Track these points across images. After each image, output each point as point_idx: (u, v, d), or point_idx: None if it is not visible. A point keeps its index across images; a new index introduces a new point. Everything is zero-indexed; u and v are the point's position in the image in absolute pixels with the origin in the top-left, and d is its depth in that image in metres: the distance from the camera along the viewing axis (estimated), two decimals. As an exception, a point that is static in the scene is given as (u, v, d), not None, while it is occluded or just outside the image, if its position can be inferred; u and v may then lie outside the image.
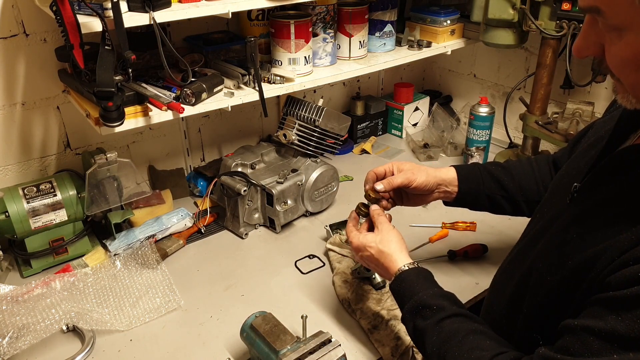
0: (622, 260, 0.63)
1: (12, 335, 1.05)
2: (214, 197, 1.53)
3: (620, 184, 0.72)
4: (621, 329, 0.60)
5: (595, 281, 0.66)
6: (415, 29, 1.75)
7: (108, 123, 1.12)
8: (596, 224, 0.71)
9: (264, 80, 1.39)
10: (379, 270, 0.99)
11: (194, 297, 1.24)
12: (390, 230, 0.99)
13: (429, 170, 1.10)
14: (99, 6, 1.05)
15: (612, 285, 0.63)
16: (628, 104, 0.66)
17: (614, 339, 0.61)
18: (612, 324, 0.61)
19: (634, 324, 0.59)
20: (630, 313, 0.60)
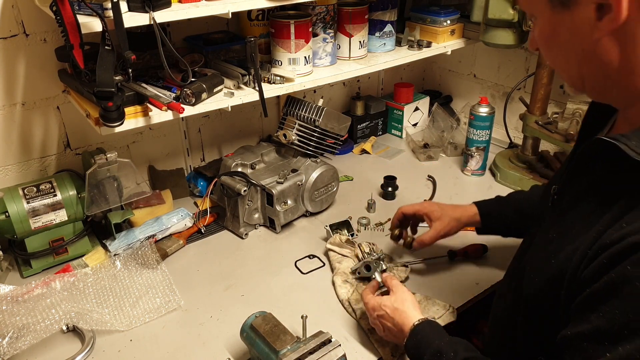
0: (591, 253, 0.64)
1: (12, 335, 1.05)
2: (214, 197, 1.53)
3: (590, 178, 0.74)
4: (605, 325, 0.61)
5: (574, 278, 0.67)
6: (415, 29, 1.75)
7: (108, 123, 1.12)
8: (571, 221, 0.73)
9: (264, 80, 1.39)
10: (393, 329, 1.00)
11: (194, 297, 1.24)
12: (405, 292, 1.04)
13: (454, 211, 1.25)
14: (99, 6, 1.05)
15: (586, 280, 0.64)
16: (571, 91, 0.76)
17: (602, 337, 0.61)
18: (596, 323, 0.62)
19: (614, 316, 0.60)
20: (607, 305, 0.60)
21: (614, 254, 0.61)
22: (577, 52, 0.67)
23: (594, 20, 0.62)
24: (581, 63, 0.68)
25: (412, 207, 1.29)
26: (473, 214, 1.24)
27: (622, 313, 0.59)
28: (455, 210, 1.25)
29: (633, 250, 0.59)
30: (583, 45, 0.66)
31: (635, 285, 0.58)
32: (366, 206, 1.59)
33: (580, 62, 0.68)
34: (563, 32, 0.67)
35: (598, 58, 0.65)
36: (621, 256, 0.60)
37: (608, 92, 0.70)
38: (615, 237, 0.61)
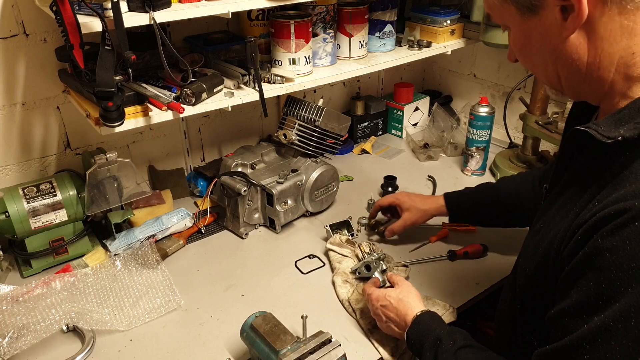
0: (569, 233, 0.69)
1: (12, 335, 1.05)
2: (214, 197, 1.53)
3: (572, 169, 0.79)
4: (582, 298, 0.64)
5: (556, 261, 0.71)
6: (415, 29, 1.74)
7: (108, 123, 1.12)
8: (556, 210, 0.78)
9: (264, 80, 1.39)
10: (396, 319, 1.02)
11: (194, 297, 1.24)
12: (410, 285, 1.08)
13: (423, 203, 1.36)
14: (99, 6, 1.05)
15: (565, 260, 0.68)
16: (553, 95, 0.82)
17: (581, 310, 0.64)
18: (575, 298, 0.65)
19: (589, 288, 0.63)
20: (583, 279, 0.64)
21: (586, 229, 0.65)
22: (550, 53, 0.73)
23: (560, 21, 0.68)
24: (556, 62, 0.74)
25: (387, 199, 1.41)
26: (440, 206, 1.34)
27: (595, 284, 0.63)
28: (424, 202, 1.36)
29: (602, 223, 0.63)
30: (554, 46, 0.71)
31: (605, 256, 0.61)
32: (366, 206, 1.59)
33: (554, 62, 0.74)
34: (535, 36, 0.73)
35: (569, 56, 0.71)
36: (592, 230, 0.64)
37: (582, 89, 0.75)
38: (587, 215, 0.66)
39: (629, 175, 0.64)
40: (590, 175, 0.72)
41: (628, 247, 0.59)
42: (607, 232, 0.62)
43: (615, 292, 0.60)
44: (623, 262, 0.60)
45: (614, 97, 0.71)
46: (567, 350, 0.65)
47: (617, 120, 0.68)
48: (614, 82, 0.70)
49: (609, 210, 0.62)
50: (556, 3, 0.67)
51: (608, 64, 0.69)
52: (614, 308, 0.60)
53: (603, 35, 0.67)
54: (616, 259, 0.60)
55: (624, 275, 0.60)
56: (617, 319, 0.60)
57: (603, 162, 0.70)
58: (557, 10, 0.68)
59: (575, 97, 0.80)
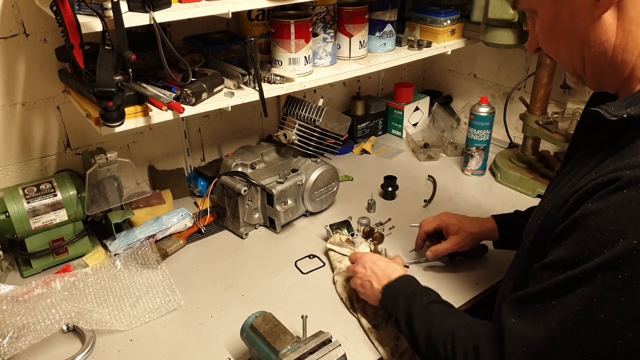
0: (564, 201, 0.72)
1: (12, 335, 1.05)
2: (214, 197, 1.53)
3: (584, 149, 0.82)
4: (562, 255, 0.69)
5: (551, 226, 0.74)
6: (415, 29, 1.74)
7: (108, 123, 1.12)
8: (561, 185, 0.81)
9: (264, 80, 1.39)
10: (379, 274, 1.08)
11: (194, 297, 1.24)
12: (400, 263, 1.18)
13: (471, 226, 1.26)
14: (99, 6, 1.05)
15: (558, 223, 0.72)
16: (573, 84, 0.81)
17: (558, 266, 0.69)
18: (557, 254, 0.70)
19: (570, 247, 0.68)
20: (568, 239, 0.68)
21: (579, 195, 0.68)
22: (579, 35, 0.73)
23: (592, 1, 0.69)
24: (582, 45, 0.74)
25: (432, 223, 1.30)
26: (491, 229, 1.26)
27: (576, 243, 0.67)
28: (473, 225, 1.26)
29: (595, 190, 0.66)
30: (583, 27, 0.72)
31: (591, 219, 0.65)
32: (366, 206, 1.59)
33: (581, 45, 0.74)
34: (564, 17, 0.73)
35: (598, 37, 0.71)
36: (585, 196, 0.67)
37: (605, 74, 0.75)
38: (582, 183, 0.69)
39: (629, 151, 0.67)
40: (594, 152, 0.75)
41: (611, 212, 0.63)
42: (597, 197, 0.65)
43: (592, 251, 0.65)
44: (603, 225, 0.64)
45: (633, 82, 0.73)
46: (538, 296, 0.72)
47: (628, 102, 0.70)
48: (635, 67, 0.72)
49: (603, 178, 0.66)
50: None
51: (633, 48, 0.70)
52: (587, 264, 0.65)
53: (632, 17, 0.68)
54: (598, 222, 0.64)
55: (602, 236, 0.64)
56: (587, 273, 0.65)
57: (608, 139, 0.72)
58: None
59: (596, 86, 0.80)
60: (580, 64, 0.77)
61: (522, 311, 0.74)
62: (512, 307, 0.76)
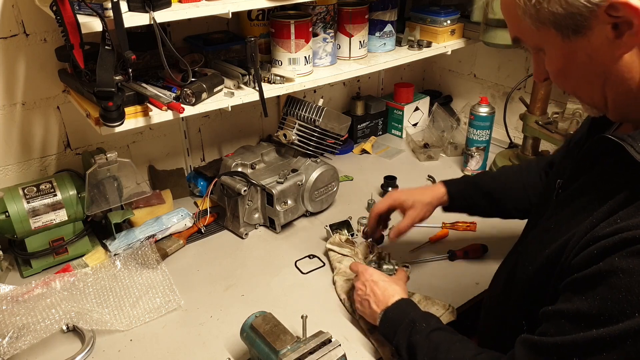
0: (583, 242, 0.68)
1: (12, 335, 1.05)
2: (214, 197, 1.53)
3: (593, 174, 0.77)
4: (585, 308, 0.64)
5: (565, 266, 0.70)
6: (416, 29, 1.75)
7: (108, 123, 1.12)
8: (571, 212, 0.76)
9: (264, 80, 1.39)
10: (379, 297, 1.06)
11: (194, 297, 1.24)
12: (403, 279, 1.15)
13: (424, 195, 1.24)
14: (99, 6, 1.05)
15: (575, 267, 0.68)
16: (592, 113, 0.76)
17: (580, 319, 0.65)
18: (577, 305, 0.66)
19: (595, 302, 0.63)
20: (592, 292, 0.64)
21: (605, 246, 0.64)
22: (598, 75, 0.67)
23: (612, 39, 0.63)
24: (604, 84, 0.68)
25: (383, 203, 1.27)
26: (442, 195, 1.24)
27: (602, 299, 0.63)
28: (424, 194, 1.24)
29: (623, 245, 0.62)
30: (604, 67, 0.66)
31: (619, 276, 0.61)
32: (366, 206, 1.59)
33: (603, 84, 0.68)
34: (580, 57, 0.67)
35: (621, 75, 0.66)
36: (612, 249, 0.63)
37: (630, 109, 0.70)
38: (607, 231, 0.64)
39: None
40: (614, 186, 0.69)
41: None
42: (627, 253, 0.61)
43: (621, 313, 0.61)
44: (635, 287, 0.60)
45: None
46: (558, 349, 0.67)
47: None
48: None
49: (634, 234, 0.61)
50: (608, 20, 0.61)
51: None
52: (614, 327, 0.61)
53: None
54: (629, 282, 0.60)
55: (633, 298, 0.60)
56: (616, 336, 0.61)
57: (630, 176, 0.66)
58: (609, 28, 0.62)
59: (618, 118, 0.75)
60: (602, 101, 0.71)
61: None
62: (528, 352, 0.72)
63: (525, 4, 0.67)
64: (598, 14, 0.61)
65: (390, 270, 1.20)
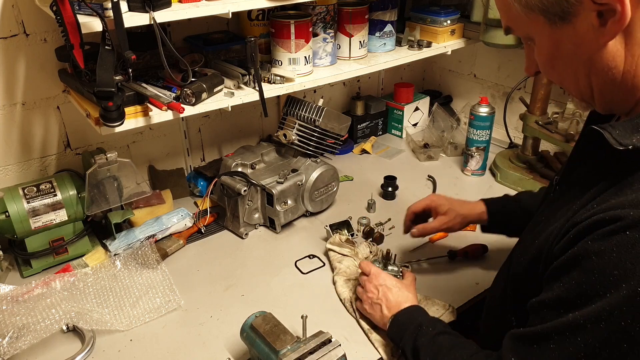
0: (564, 230, 0.69)
1: (12, 335, 1.05)
2: (214, 197, 1.53)
3: (586, 165, 0.78)
4: (562, 294, 0.67)
5: (549, 255, 0.72)
6: (416, 29, 1.75)
7: (108, 123, 1.12)
8: (559, 205, 0.78)
9: (264, 80, 1.39)
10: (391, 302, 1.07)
11: (194, 297, 1.24)
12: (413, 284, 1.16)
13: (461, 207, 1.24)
14: (99, 6, 1.05)
15: (556, 255, 0.69)
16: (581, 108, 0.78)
17: (559, 305, 0.67)
18: (556, 292, 0.68)
19: (571, 286, 0.65)
20: (568, 276, 0.66)
21: (579, 230, 0.65)
22: (584, 62, 0.69)
23: (597, 27, 0.64)
24: (589, 72, 0.70)
25: (421, 203, 1.28)
26: (480, 212, 1.24)
27: (577, 283, 0.64)
28: (462, 207, 1.24)
29: (596, 227, 0.63)
30: (589, 54, 0.67)
31: (592, 259, 0.63)
32: (366, 206, 1.59)
33: (588, 72, 0.70)
34: (567, 45, 0.68)
35: (605, 64, 0.67)
36: (585, 232, 0.65)
37: (615, 99, 0.71)
38: (584, 216, 0.66)
39: (633, 183, 0.64)
40: (596, 176, 0.71)
41: (614, 254, 0.61)
42: (598, 235, 0.63)
43: (594, 294, 0.62)
44: (606, 268, 0.61)
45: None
46: (537, 337, 0.69)
47: (634, 125, 0.66)
48: None
49: (604, 215, 0.63)
50: (593, 8, 0.63)
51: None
52: (588, 308, 0.63)
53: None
54: (601, 264, 0.62)
55: (605, 280, 0.61)
56: (589, 318, 0.63)
57: (611, 165, 0.69)
58: (594, 15, 0.63)
59: (605, 110, 0.76)
60: (588, 91, 0.72)
61: (521, 351, 0.72)
62: (513, 344, 0.74)
63: None
64: (583, 1, 0.63)
65: (395, 272, 1.20)
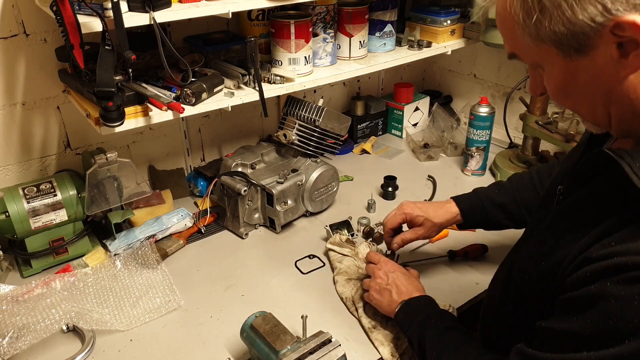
0: (577, 262, 0.67)
1: (12, 335, 1.05)
2: (214, 197, 1.53)
3: (593, 186, 0.74)
4: (576, 329, 0.65)
5: (560, 283, 0.70)
6: (416, 29, 1.75)
7: (108, 123, 1.12)
8: (568, 226, 0.74)
9: (264, 80, 1.39)
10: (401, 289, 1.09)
11: (194, 297, 1.24)
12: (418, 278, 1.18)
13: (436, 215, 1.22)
14: (99, 6, 1.05)
15: (569, 286, 0.67)
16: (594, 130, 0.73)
17: (571, 339, 0.65)
18: (569, 325, 0.66)
19: (586, 324, 0.63)
20: (583, 314, 0.64)
21: (597, 269, 0.63)
22: (602, 94, 0.65)
23: (617, 59, 0.60)
24: (608, 103, 0.66)
25: (396, 219, 1.24)
26: (454, 215, 1.22)
27: (593, 324, 0.62)
28: (437, 215, 1.22)
29: (616, 271, 0.61)
30: (608, 86, 0.64)
31: (610, 302, 0.61)
32: (366, 206, 1.59)
33: (606, 103, 0.66)
34: (583, 77, 0.64)
35: (626, 95, 0.63)
36: (604, 273, 0.62)
37: (633, 127, 0.68)
38: (601, 254, 0.63)
39: None
40: (610, 205, 0.68)
41: (635, 302, 0.59)
42: (619, 280, 0.60)
43: (611, 337, 0.61)
44: (626, 315, 0.59)
45: None
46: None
47: None
48: None
49: (626, 260, 0.60)
50: (613, 40, 0.58)
51: None
52: (605, 351, 0.61)
53: None
54: (620, 309, 0.60)
55: (624, 326, 0.59)
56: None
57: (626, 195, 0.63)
58: (614, 47, 0.59)
59: (621, 135, 0.72)
60: (605, 119, 0.68)
61: None
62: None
63: (524, 21, 0.63)
64: (603, 33, 0.58)
65: None
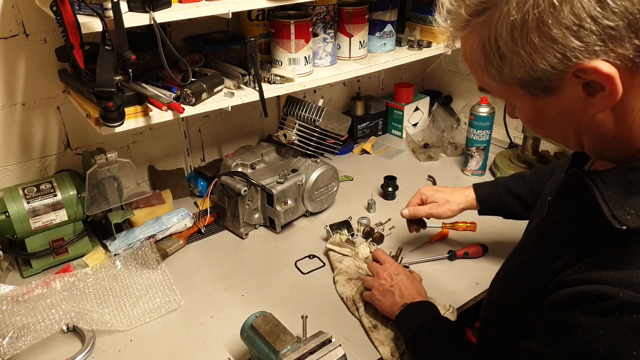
0: (553, 284, 0.67)
1: (12, 335, 1.05)
2: (214, 197, 1.53)
3: (574, 203, 0.74)
4: (548, 354, 0.65)
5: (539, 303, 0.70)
6: (416, 29, 1.75)
7: (108, 123, 1.12)
8: (553, 242, 0.74)
9: (264, 80, 1.39)
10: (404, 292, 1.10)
11: (194, 297, 1.24)
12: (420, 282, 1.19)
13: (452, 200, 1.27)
14: (99, 6, 1.05)
15: (546, 308, 0.68)
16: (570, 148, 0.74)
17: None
18: (541, 349, 0.67)
19: (555, 349, 0.64)
20: (556, 339, 0.65)
21: (567, 295, 0.64)
22: (572, 127, 0.66)
23: (584, 98, 0.60)
24: (579, 134, 0.67)
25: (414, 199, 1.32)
26: (471, 200, 1.28)
27: (563, 350, 0.64)
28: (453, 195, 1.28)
29: (584, 299, 0.62)
30: (577, 121, 0.64)
31: (578, 330, 0.61)
32: (366, 206, 1.59)
33: (577, 134, 0.67)
34: (551, 113, 0.65)
35: (595, 130, 0.64)
36: (574, 301, 0.63)
37: (606, 154, 0.69)
38: (572, 279, 0.64)
39: (624, 256, 0.61)
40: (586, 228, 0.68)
41: (601, 332, 0.59)
42: (586, 310, 0.61)
43: None
44: (592, 344, 0.60)
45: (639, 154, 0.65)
46: None
47: (627, 183, 0.62)
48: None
49: (592, 289, 0.61)
50: (578, 82, 0.59)
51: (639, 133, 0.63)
52: None
53: (634, 107, 0.60)
54: (587, 338, 0.60)
55: (591, 355, 0.60)
56: None
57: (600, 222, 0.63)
58: (580, 88, 0.59)
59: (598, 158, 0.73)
60: (578, 145, 0.69)
61: None
62: None
63: (486, 66, 0.64)
64: (566, 77, 0.59)
65: None
